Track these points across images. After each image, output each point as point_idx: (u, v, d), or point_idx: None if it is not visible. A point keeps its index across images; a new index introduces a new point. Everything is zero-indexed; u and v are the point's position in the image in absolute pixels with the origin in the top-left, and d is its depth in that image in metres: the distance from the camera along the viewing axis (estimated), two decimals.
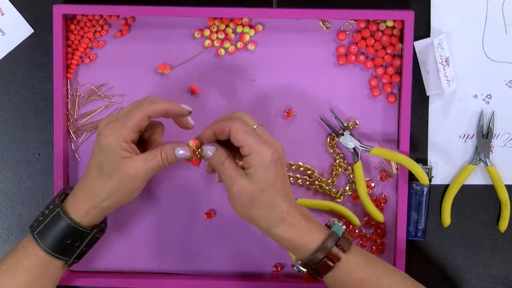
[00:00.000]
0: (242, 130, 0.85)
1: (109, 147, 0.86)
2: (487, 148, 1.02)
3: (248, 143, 0.84)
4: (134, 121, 0.86)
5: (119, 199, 0.88)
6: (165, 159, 0.88)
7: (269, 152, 0.84)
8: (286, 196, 0.86)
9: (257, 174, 0.84)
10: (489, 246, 1.04)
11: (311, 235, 0.86)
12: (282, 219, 0.86)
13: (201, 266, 1.05)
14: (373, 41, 1.01)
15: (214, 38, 1.02)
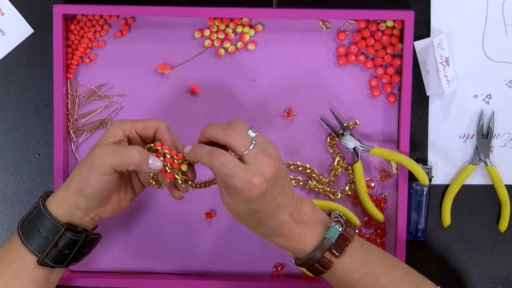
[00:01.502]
0: (225, 170, 0.80)
1: (104, 133, 0.87)
2: (487, 148, 1.02)
3: (233, 183, 0.81)
4: (142, 123, 0.87)
5: (85, 189, 0.85)
6: (135, 158, 0.84)
7: (253, 190, 0.80)
8: (275, 214, 0.84)
9: (239, 203, 0.83)
10: (489, 246, 1.04)
11: (304, 243, 0.86)
12: (270, 232, 0.85)
13: (201, 266, 1.05)
14: (373, 41, 1.01)
15: (214, 38, 1.02)
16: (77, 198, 0.86)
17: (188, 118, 1.03)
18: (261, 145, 0.83)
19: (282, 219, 0.85)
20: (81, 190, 0.86)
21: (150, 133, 0.88)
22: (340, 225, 0.87)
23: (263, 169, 0.81)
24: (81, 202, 0.86)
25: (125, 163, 0.84)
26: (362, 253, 0.87)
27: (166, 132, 0.88)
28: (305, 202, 0.88)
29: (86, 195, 0.86)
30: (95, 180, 0.84)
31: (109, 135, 0.87)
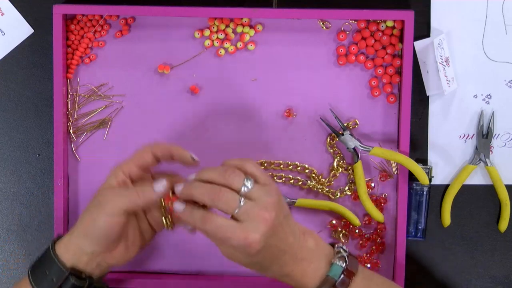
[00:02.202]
0: (219, 233, 0.80)
1: (106, 178, 0.88)
2: (487, 148, 1.02)
3: (230, 243, 0.80)
4: (136, 155, 0.88)
5: (89, 229, 0.85)
6: (141, 190, 0.85)
7: (250, 248, 0.80)
8: (274, 260, 0.83)
9: (239, 255, 0.82)
10: (489, 246, 1.04)
11: (307, 279, 0.85)
12: (275, 274, 0.85)
13: (201, 266, 1.05)
14: (373, 41, 1.01)
15: (214, 38, 1.02)
16: (83, 241, 0.86)
17: (188, 118, 1.03)
18: (255, 198, 0.81)
19: (284, 261, 0.84)
20: (87, 232, 0.86)
21: (149, 160, 0.88)
22: (343, 261, 0.85)
23: (258, 225, 0.80)
24: (87, 246, 0.86)
25: (134, 201, 0.85)
26: (365, 286, 0.86)
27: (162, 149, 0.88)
28: (308, 236, 0.86)
29: (91, 237, 0.86)
30: (102, 222, 0.85)
31: (111, 178, 0.87)
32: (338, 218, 1.03)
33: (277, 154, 1.03)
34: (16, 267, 1.07)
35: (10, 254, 1.07)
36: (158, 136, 1.03)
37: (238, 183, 0.81)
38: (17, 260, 1.07)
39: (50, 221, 1.06)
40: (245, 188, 0.81)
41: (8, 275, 1.07)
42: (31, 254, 1.06)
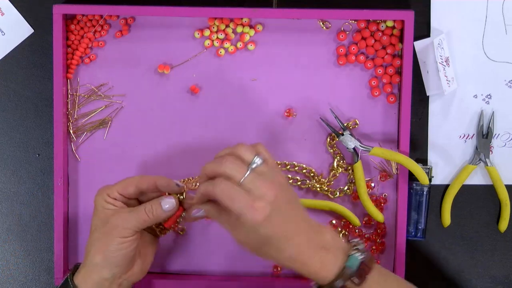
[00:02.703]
0: (226, 195, 0.81)
1: (95, 202, 0.90)
2: (487, 148, 1.02)
3: (235, 209, 0.81)
4: (120, 183, 0.90)
5: (106, 254, 0.87)
6: (150, 210, 0.88)
7: (256, 214, 0.80)
8: (290, 240, 0.83)
9: (250, 234, 0.82)
10: (489, 246, 1.04)
11: (325, 270, 0.84)
12: (291, 260, 0.84)
13: (201, 266, 1.05)
14: (373, 41, 1.01)
15: (214, 38, 1.02)
16: (101, 270, 0.88)
17: (188, 118, 1.03)
18: (262, 172, 0.83)
19: (300, 246, 0.84)
20: (105, 259, 0.87)
21: (132, 192, 0.89)
22: (360, 253, 0.85)
23: (264, 193, 0.81)
24: (106, 272, 0.88)
25: (144, 221, 0.87)
26: (381, 281, 0.86)
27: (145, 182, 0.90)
28: (325, 229, 0.86)
29: (110, 264, 0.87)
30: (118, 246, 0.87)
31: (103, 203, 0.89)
32: (338, 218, 1.03)
33: (277, 154, 1.03)
34: (16, 267, 1.07)
35: (10, 254, 1.07)
36: (158, 136, 1.03)
37: (248, 156, 0.83)
38: (17, 260, 1.07)
39: (50, 221, 1.06)
40: (253, 164, 0.83)
41: (8, 275, 1.07)
42: (31, 254, 1.06)
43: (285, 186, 0.84)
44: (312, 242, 0.84)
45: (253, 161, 0.83)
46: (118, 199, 0.89)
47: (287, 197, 0.84)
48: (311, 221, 0.86)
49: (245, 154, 0.83)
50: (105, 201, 0.89)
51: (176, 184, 0.89)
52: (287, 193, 0.84)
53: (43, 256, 1.06)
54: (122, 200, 0.90)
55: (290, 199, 0.84)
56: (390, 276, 0.90)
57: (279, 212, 0.82)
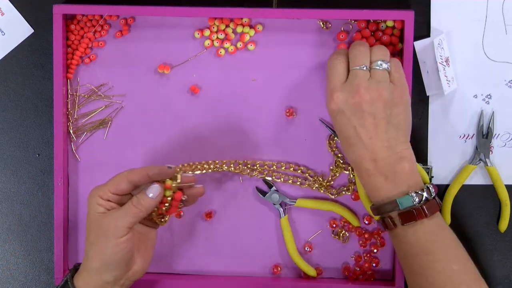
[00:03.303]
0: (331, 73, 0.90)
1: (88, 205, 0.89)
2: (487, 148, 1.02)
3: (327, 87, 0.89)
4: (111, 182, 0.88)
5: (103, 258, 0.87)
6: (137, 202, 0.87)
7: (331, 103, 0.88)
8: (354, 143, 0.88)
9: None
10: (489, 246, 1.04)
11: (377, 193, 0.88)
12: (356, 165, 0.89)
13: (200, 266, 1.05)
14: (373, 41, 1.01)
15: (214, 38, 1.02)
16: (102, 274, 0.87)
17: (188, 118, 1.03)
18: (375, 76, 0.88)
19: (362, 157, 0.87)
20: (103, 263, 0.87)
21: (125, 187, 0.88)
22: (418, 199, 0.87)
23: (351, 92, 0.87)
24: (107, 276, 0.87)
25: (136, 216, 0.87)
26: (431, 232, 0.87)
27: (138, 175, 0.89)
28: (405, 162, 0.88)
29: (109, 266, 0.87)
30: (114, 248, 0.86)
31: (95, 206, 0.88)
32: (338, 218, 1.03)
33: (277, 154, 1.03)
34: (16, 267, 1.07)
35: (10, 254, 1.07)
36: (158, 136, 1.03)
37: (379, 56, 0.90)
38: (17, 260, 1.07)
39: (50, 221, 1.06)
40: (379, 64, 0.90)
41: (8, 275, 1.07)
42: (31, 254, 1.06)
43: (384, 101, 0.87)
44: (376, 164, 0.87)
45: (382, 62, 0.89)
46: (112, 199, 0.88)
47: (374, 110, 0.87)
48: (396, 148, 0.88)
49: (378, 51, 0.90)
50: (97, 204, 0.88)
51: (168, 167, 0.89)
52: (378, 108, 0.87)
53: (43, 256, 1.07)
54: (116, 199, 0.89)
55: (380, 115, 0.87)
56: (446, 232, 0.89)
57: (352, 115, 0.87)
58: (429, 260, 0.86)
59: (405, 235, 0.87)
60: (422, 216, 0.87)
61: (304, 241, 1.04)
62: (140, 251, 0.91)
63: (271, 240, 1.04)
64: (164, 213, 0.91)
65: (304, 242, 1.04)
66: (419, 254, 0.87)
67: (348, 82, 0.89)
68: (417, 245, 0.87)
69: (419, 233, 0.87)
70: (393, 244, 0.91)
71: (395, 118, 0.88)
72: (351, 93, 0.88)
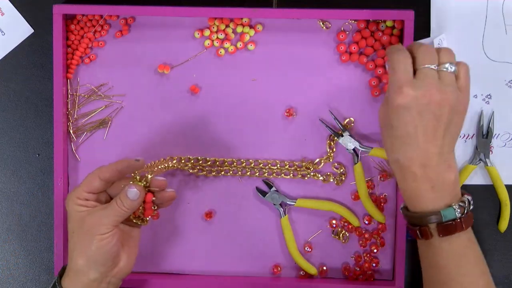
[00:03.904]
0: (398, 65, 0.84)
1: (67, 208, 0.89)
2: (487, 148, 1.02)
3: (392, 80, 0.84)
4: (84, 182, 0.89)
5: (89, 255, 0.86)
6: (120, 203, 0.87)
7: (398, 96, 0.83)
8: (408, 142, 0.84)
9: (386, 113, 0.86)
10: (489, 246, 1.04)
11: (419, 201, 0.85)
12: (399, 167, 0.85)
13: (201, 266, 1.05)
14: (373, 41, 1.01)
15: (214, 38, 1.02)
16: (87, 272, 0.87)
17: (188, 118, 1.03)
18: (444, 79, 0.85)
19: (412, 159, 0.84)
20: (89, 260, 0.87)
21: (98, 185, 0.89)
22: (461, 211, 0.85)
23: (422, 90, 0.83)
24: (93, 273, 0.87)
25: (120, 214, 0.87)
26: (464, 246, 0.86)
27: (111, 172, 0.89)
28: (451, 172, 0.86)
29: (94, 264, 0.87)
30: (99, 245, 0.86)
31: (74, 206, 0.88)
32: (338, 218, 1.03)
33: (277, 154, 1.03)
34: (16, 267, 1.07)
35: (10, 254, 1.07)
36: (158, 136, 1.03)
37: (447, 58, 0.86)
38: (17, 260, 1.07)
39: (50, 221, 1.06)
40: (447, 67, 0.85)
41: (8, 275, 1.07)
42: (31, 254, 1.07)
43: (450, 106, 0.84)
44: (425, 169, 0.85)
45: (449, 65, 0.85)
46: (89, 198, 0.89)
47: (442, 114, 0.84)
48: (447, 158, 0.85)
49: (445, 54, 0.86)
50: (76, 204, 0.88)
51: (135, 160, 0.89)
52: (446, 112, 0.84)
53: (43, 256, 1.07)
54: (93, 197, 0.89)
55: (445, 120, 0.84)
56: (475, 247, 0.88)
57: (417, 115, 0.83)
58: (457, 273, 0.85)
59: (439, 246, 0.86)
60: (460, 229, 0.85)
61: (304, 241, 1.04)
62: (124, 248, 0.91)
63: (271, 240, 1.04)
64: (141, 215, 0.91)
65: (304, 242, 1.04)
66: (448, 266, 0.85)
67: (419, 80, 0.84)
68: (448, 257, 0.85)
69: (453, 245, 0.85)
70: (421, 252, 0.89)
71: (454, 126, 0.85)
72: (422, 91, 0.83)
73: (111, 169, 0.89)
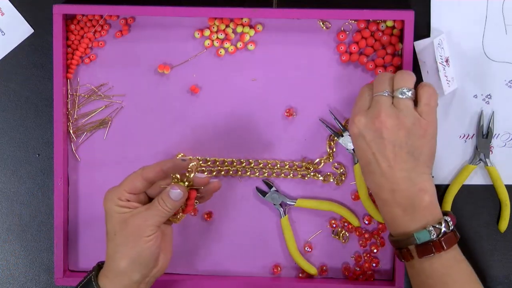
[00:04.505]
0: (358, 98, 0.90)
1: (107, 209, 0.88)
2: (487, 148, 1.02)
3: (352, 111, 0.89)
4: (126, 182, 0.88)
5: (134, 257, 0.86)
6: (163, 203, 0.87)
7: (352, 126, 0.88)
8: (372, 169, 0.86)
9: None
10: (489, 246, 1.04)
11: (395, 225, 0.87)
12: (375, 193, 0.87)
13: (201, 266, 1.05)
14: (373, 41, 1.01)
15: (214, 38, 1.02)
16: (131, 274, 0.87)
17: (188, 118, 1.03)
18: (397, 104, 0.87)
19: (381, 186, 0.86)
20: (134, 261, 0.86)
21: (140, 186, 0.88)
22: (437, 232, 0.86)
23: (371, 117, 0.86)
24: (136, 275, 0.87)
25: (164, 215, 0.87)
26: (448, 265, 0.86)
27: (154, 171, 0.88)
28: (425, 195, 0.86)
29: (140, 265, 0.87)
30: (145, 247, 0.86)
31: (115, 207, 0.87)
32: (338, 218, 1.03)
33: (277, 154, 1.03)
34: (16, 267, 1.07)
35: (10, 254, 1.07)
36: (158, 136, 1.03)
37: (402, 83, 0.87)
38: (17, 260, 1.07)
39: (50, 221, 1.06)
40: (401, 92, 0.87)
41: (8, 275, 1.07)
42: (31, 254, 1.07)
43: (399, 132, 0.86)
44: (395, 195, 0.86)
45: (405, 90, 0.87)
46: (131, 199, 0.88)
47: (393, 139, 0.86)
48: (416, 181, 0.86)
49: (401, 78, 0.88)
50: (118, 205, 0.87)
51: (182, 160, 0.88)
52: (396, 137, 0.86)
53: (43, 256, 1.07)
54: (134, 198, 0.88)
55: (398, 143, 0.86)
56: (463, 266, 0.88)
57: (371, 141, 0.86)
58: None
59: (421, 267, 0.86)
60: (440, 250, 0.85)
61: (304, 241, 1.04)
62: (162, 249, 0.91)
63: (271, 240, 1.04)
64: (180, 212, 0.90)
65: (304, 242, 1.04)
66: (435, 285, 0.86)
67: (371, 108, 0.88)
68: (433, 277, 0.86)
69: (436, 265, 0.86)
70: (408, 273, 0.90)
71: (416, 149, 0.86)
72: (372, 118, 0.86)
73: (156, 169, 0.87)
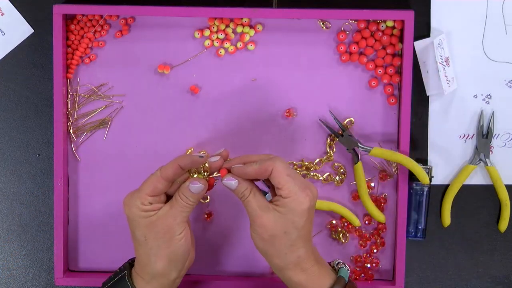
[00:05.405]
0: (285, 172, 0.85)
1: (131, 216, 0.87)
2: (487, 148, 1.02)
3: (288, 187, 0.84)
4: (147, 186, 0.87)
5: (171, 257, 0.87)
6: (185, 198, 0.86)
7: (307, 200, 0.84)
8: (307, 241, 0.86)
9: (288, 216, 0.84)
10: (489, 246, 1.04)
11: (321, 280, 0.87)
12: (296, 263, 0.86)
13: (201, 266, 1.05)
14: (373, 41, 1.01)
15: (214, 38, 1.02)
16: (169, 274, 0.88)
17: (188, 118, 1.03)
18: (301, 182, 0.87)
19: (307, 252, 0.86)
20: (171, 262, 0.87)
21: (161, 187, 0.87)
22: (346, 267, 0.89)
23: (309, 186, 0.86)
24: (174, 273, 0.88)
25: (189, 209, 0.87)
26: None
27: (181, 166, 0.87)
28: (315, 249, 0.90)
29: (177, 263, 0.88)
30: (180, 244, 0.87)
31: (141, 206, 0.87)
32: (338, 218, 1.03)
33: (277, 154, 1.03)
34: (16, 267, 1.07)
35: (10, 254, 1.07)
36: (158, 136, 1.03)
37: None
38: (17, 260, 1.07)
39: (50, 221, 1.06)
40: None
41: (8, 275, 1.07)
42: (31, 254, 1.06)
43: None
44: (313, 253, 0.88)
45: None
46: (153, 201, 0.87)
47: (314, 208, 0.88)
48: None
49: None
50: (143, 211, 0.87)
51: (199, 157, 0.87)
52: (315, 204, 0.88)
53: (43, 256, 1.07)
54: (156, 200, 0.87)
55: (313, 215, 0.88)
56: None
57: (311, 214, 0.86)
58: None
59: None
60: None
61: None
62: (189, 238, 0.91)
63: None
64: None
65: None
66: None
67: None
68: None
69: None
70: None
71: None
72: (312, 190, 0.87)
73: (174, 166, 0.86)
